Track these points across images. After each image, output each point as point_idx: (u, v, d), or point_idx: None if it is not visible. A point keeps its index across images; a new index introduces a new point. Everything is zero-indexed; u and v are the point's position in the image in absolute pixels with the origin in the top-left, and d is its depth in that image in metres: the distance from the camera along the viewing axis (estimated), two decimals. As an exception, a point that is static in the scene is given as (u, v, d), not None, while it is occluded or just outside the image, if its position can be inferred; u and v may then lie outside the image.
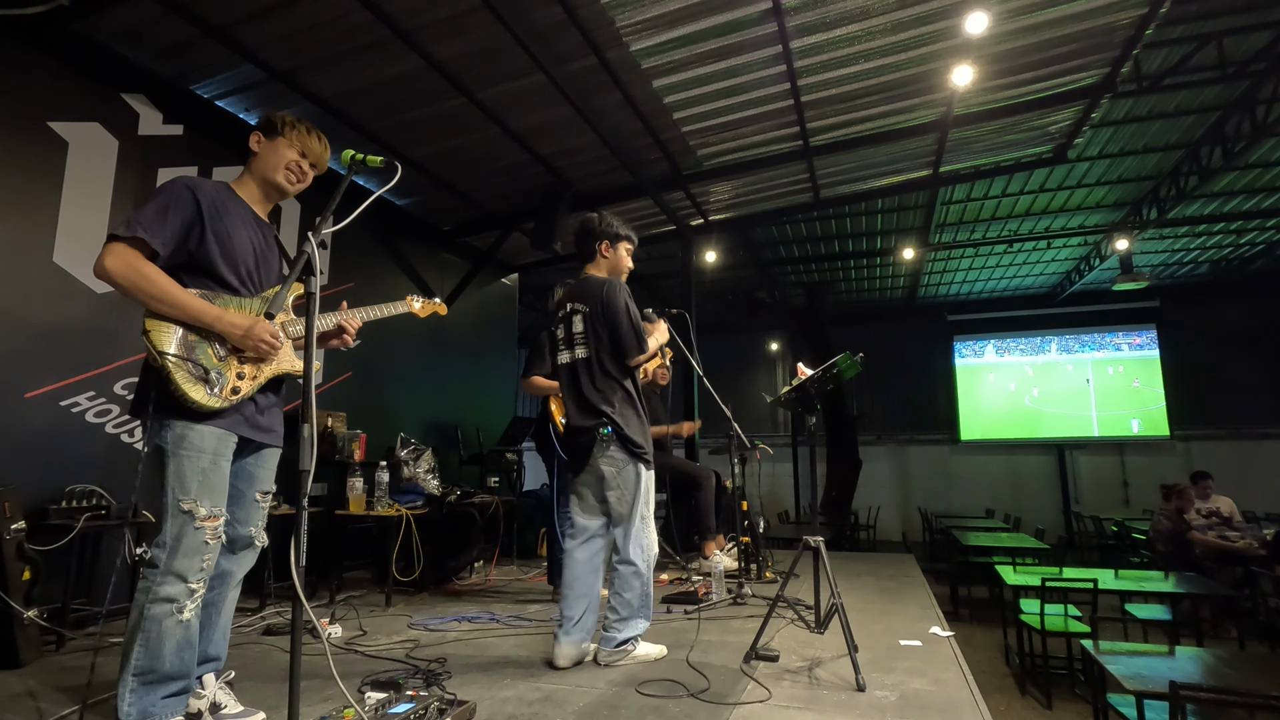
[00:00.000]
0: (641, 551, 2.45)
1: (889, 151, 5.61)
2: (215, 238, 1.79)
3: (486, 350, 6.95)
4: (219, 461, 1.75)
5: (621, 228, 2.73)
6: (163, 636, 1.64)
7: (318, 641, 2.51)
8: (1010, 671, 4.81)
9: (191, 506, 1.68)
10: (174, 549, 1.66)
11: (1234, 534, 5.82)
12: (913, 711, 1.94)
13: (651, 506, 2.54)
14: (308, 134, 1.96)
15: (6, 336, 3.12)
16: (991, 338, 12.36)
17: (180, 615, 1.67)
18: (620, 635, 2.43)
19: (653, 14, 3.73)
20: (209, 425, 1.73)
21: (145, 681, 1.64)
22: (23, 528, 2.68)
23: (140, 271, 1.67)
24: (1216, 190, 7.68)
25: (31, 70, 3.34)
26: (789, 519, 11.14)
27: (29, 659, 2.53)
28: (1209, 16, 5.18)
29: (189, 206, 1.77)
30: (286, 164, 1.94)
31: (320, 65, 3.91)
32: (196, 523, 1.68)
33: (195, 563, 1.69)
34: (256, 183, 1.96)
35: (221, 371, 1.75)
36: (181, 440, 1.70)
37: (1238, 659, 3.19)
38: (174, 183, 1.80)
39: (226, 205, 1.85)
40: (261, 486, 1.92)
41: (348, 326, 2.01)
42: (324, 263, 4.94)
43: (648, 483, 2.50)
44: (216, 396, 1.73)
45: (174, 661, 1.66)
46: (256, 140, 1.94)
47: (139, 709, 1.63)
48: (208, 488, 1.71)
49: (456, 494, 4.30)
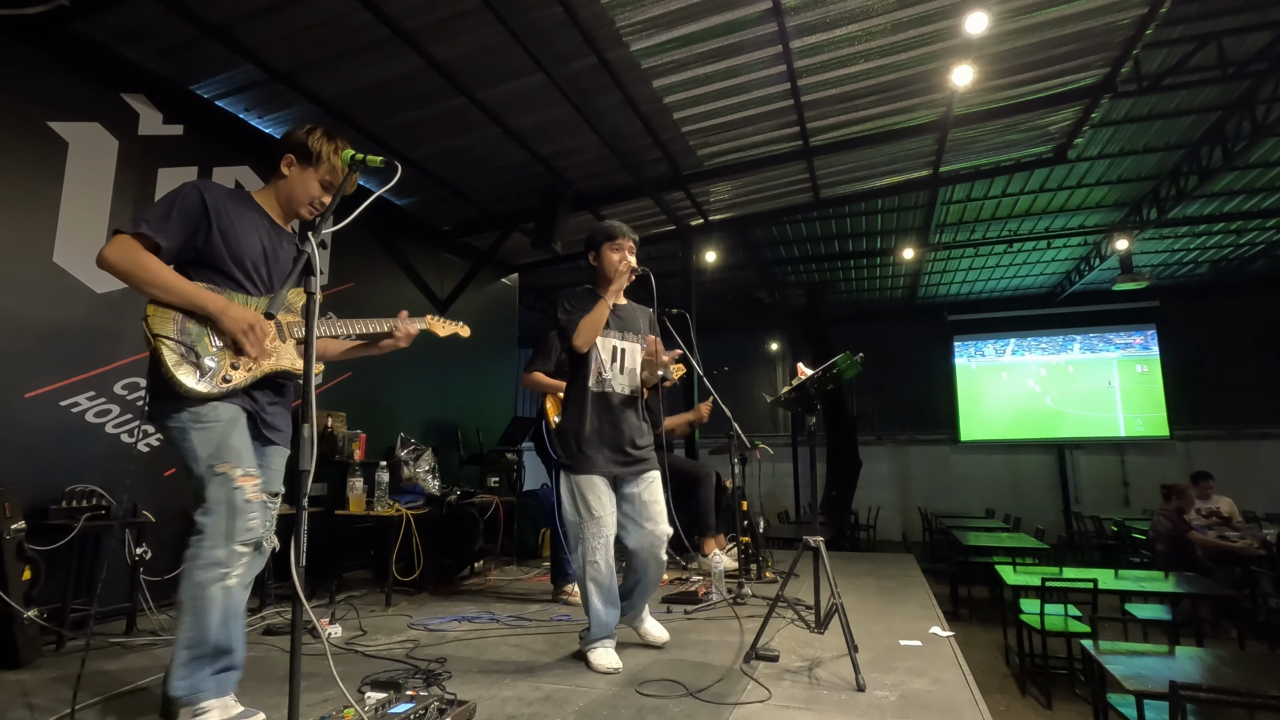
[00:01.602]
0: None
1: (889, 151, 5.61)
2: (222, 236, 1.82)
3: (486, 350, 6.94)
4: (237, 427, 1.77)
5: (600, 229, 2.69)
6: (209, 604, 1.67)
7: (318, 641, 2.51)
8: (1010, 671, 4.81)
9: (226, 469, 1.71)
10: (217, 512, 1.69)
11: (1234, 534, 5.83)
12: (913, 711, 1.94)
13: (587, 512, 2.51)
14: (343, 172, 1.92)
15: (6, 336, 3.12)
16: (991, 338, 12.36)
17: (225, 582, 1.68)
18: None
19: (653, 14, 3.73)
20: (221, 402, 1.76)
21: (195, 655, 1.66)
22: (23, 528, 2.68)
23: (139, 260, 1.70)
24: (1216, 190, 7.68)
25: (31, 70, 3.34)
26: (789, 519, 11.14)
27: (29, 659, 2.53)
28: (1209, 16, 5.18)
29: (196, 206, 1.80)
30: (312, 200, 1.97)
31: (320, 65, 3.91)
32: (235, 482, 1.71)
33: (241, 523, 1.70)
34: (279, 201, 2.00)
35: (216, 359, 1.76)
36: (195, 417, 1.73)
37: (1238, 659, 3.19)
38: (185, 186, 1.84)
39: (238, 208, 1.89)
40: (270, 488, 1.92)
41: (399, 331, 2.09)
42: (324, 263, 4.93)
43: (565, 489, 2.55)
44: (206, 382, 1.73)
45: (220, 633, 1.68)
46: (288, 164, 1.95)
47: (189, 684, 1.65)
48: (233, 450, 1.74)
49: (456, 494, 4.30)
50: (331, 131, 1.99)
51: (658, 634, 2.68)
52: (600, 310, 2.52)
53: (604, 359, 2.59)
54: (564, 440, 2.57)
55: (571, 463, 2.51)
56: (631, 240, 2.70)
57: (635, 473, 2.55)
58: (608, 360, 2.60)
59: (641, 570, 2.59)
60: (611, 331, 2.63)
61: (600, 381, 2.58)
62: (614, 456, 2.54)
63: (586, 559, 2.46)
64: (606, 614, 2.46)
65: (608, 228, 2.67)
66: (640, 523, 2.52)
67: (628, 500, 2.55)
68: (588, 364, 2.58)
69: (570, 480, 2.51)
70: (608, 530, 2.48)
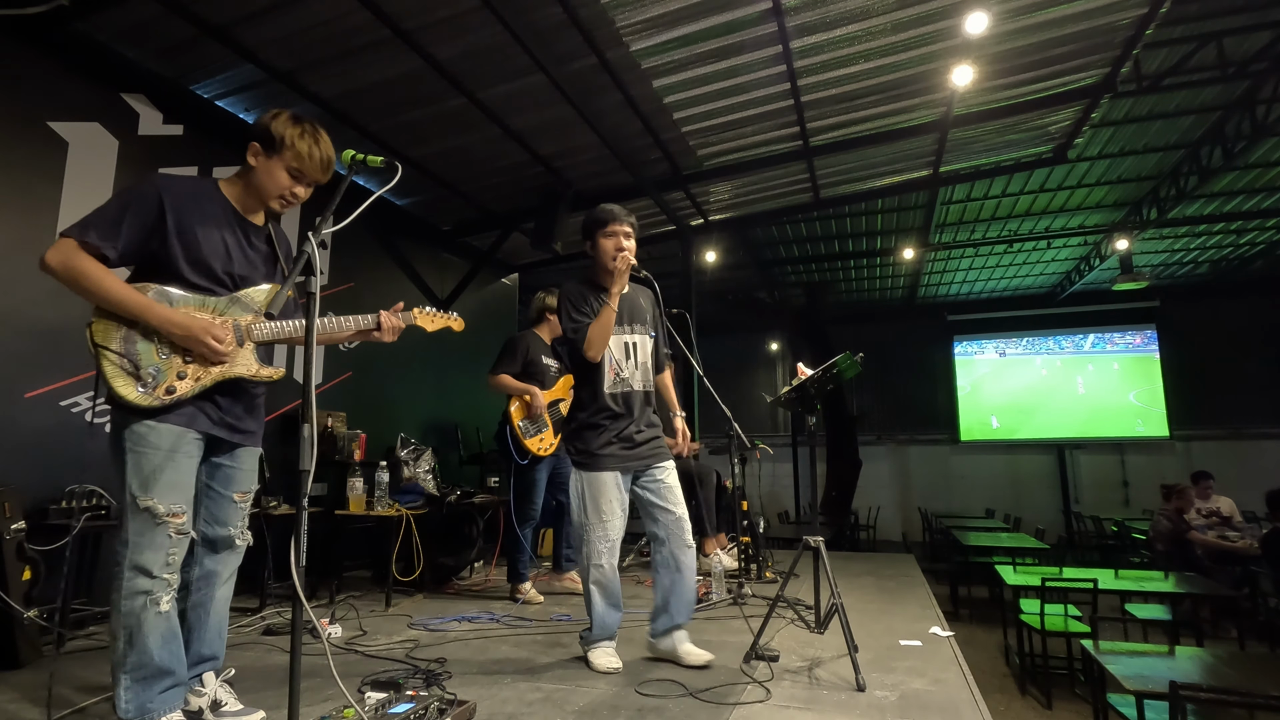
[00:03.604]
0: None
1: (889, 151, 5.61)
2: (180, 239, 1.72)
3: (487, 350, 6.85)
4: (176, 458, 1.69)
5: (592, 215, 2.57)
6: (145, 631, 1.63)
7: (318, 641, 2.50)
8: (1010, 671, 4.81)
9: (150, 504, 1.64)
10: (136, 545, 1.64)
11: (1234, 534, 5.83)
12: (913, 711, 1.94)
13: (595, 515, 2.46)
14: (309, 158, 1.83)
15: (6, 336, 3.12)
16: (991, 338, 12.36)
17: (158, 607, 1.65)
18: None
19: (653, 14, 3.73)
20: (165, 423, 1.69)
21: (139, 678, 1.64)
22: (23, 528, 2.68)
23: (79, 268, 1.62)
24: (1216, 190, 7.67)
25: (31, 70, 3.33)
26: (789, 519, 11.14)
27: (29, 659, 2.53)
28: (1209, 16, 5.18)
29: (151, 209, 1.70)
30: (281, 193, 1.85)
31: (320, 65, 3.91)
32: (157, 520, 1.65)
33: (160, 557, 1.66)
34: (248, 194, 1.87)
35: (160, 369, 1.69)
36: (136, 437, 1.67)
37: (1238, 659, 3.19)
38: (143, 184, 1.74)
39: (201, 205, 1.78)
40: (240, 487, 1.89)
41: (384, 322, 1.99)
42: (324, 263, 4.93)
43: (575, 488, 2.50)
44: (148, 394, 1.67)
45: (162, 655, 1.66)
46: (254, 153, 1.83)
47: (136, 705, 1.63)
48: (165, 485, 1.67)
49: (456, 494, 4.30)
50: (300, 115, 1.86)
51: (699, 655, 2.45)
52: (606, 316, 2.44)
53: (619, 359, 2.53)
54: (579, 437, 2.51)
55: (585, 460, 2.47)
56: (628, 225, 2.53)
57: (648, 464, 2.50)
58: (622, 359, 2.53)
59: (674, 564, 2.45)
60: (621, 327, 2.54)
61: (618, 381, 2.52)
62: (627, 450, 2.48)
63: (591, 561, 2.43)
64: (609, 615, 2.46)
65: (600, 213, 2.54)
66: (665, 507, 2.48)
67: (645, 489, 2.51)
68: (601, 367, 2.50)
69: (581, 479, 2.47)
70: (614, 534, 2.44)
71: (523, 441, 3.67)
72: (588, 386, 2.54)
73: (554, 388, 3.85)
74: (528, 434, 3.69)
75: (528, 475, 3.79)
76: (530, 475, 3.79)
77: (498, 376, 3.76)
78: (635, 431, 2.50)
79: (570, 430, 2.56)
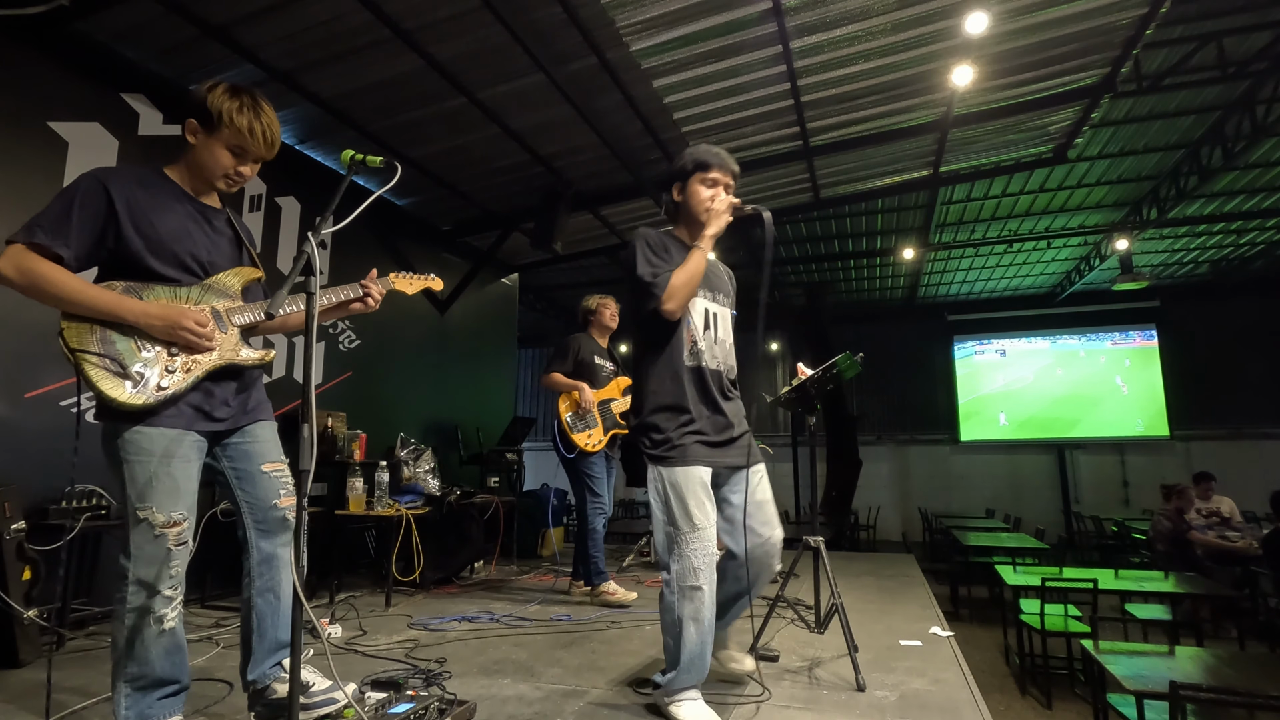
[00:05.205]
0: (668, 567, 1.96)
1: (889, 151, 5.61)
2: (136, 230, 1.64)
3: (486, 350, 6.95)
4: (171, 463, 1.63)
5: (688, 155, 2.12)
6: (147, 644, 1.60)
7: (318, 641, 2.51)
8: (1010, 671, 4.81)
9: (147, 514, 1.59)
10: (137, 559, 1.59)
11: (1234, 534, 5.82)
12: (913, 711, 1.94)
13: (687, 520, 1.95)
14: (250, 134, 1.71)
15: (6, 336, 3.12)
16: (992, 338, 12.36)
17: (162, 625, 1.61)
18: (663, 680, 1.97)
19: (653, 14, 3.73)
20: (156, 427, 1.62)
21: (138, 687, 1.61)
22: (23, 528, 2.68)
23: (37, 272, 1.54)
24: (1216, 190, 7.67)
25: (31, 70, 3.33)
26: (789, 519, 11.13)
27: (29, 659, 2.53)
28: (1209, 16, 5.18)
29: (99, 203, 1.62)
30: (224, 173, 1.75)
31: (320, 65, 3.91)
32: (156, 530, 1.59)
33: (162, 571, 1.60)
34: (194, 174, 1.78)
35: (147, 366, 1.62)
36: (128, 445, 1.61)
37: (1238, 659, 3.19)
38: (83, 178, 1.65)
39: (151, 193, 1.70)
40: (264, 458, 1.81)
41: (372, 290, 1.97)
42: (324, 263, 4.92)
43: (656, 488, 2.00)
44: (141, 393, 1.59)
45: (164, 666, 1.63)
46: (192, 131, 1.72)
47: (136, 712, 1.61)
48: (161, 492, 1.61)
49: (456, 494, 4.30)
50: (238, 86, 1.73)
51: (744, 659, 2.23)
52: (696, 261, 2.01)
53: (697, 325, 2.09)
54: (653, 426, 2.02)
55: (664, 453, 1.97)
56: (732, 172, 2.13)
57: (739, 466, 2.07)
58: (700, 327, 2.09)
59: (751, 579, 2.07)
60: (703, 290, 2.12)
61: (695, 354, 2.06)
62: (715, 445, 2.02)
63: (683, 583, 1.89)
64: (704, 656, 1.91)
65: (698, 154, 2.10)
66: (754, 527, 2.04)
67: (729, 502, 2.07)
68: (678, 332, 2.06)
69: (663, 476, 1.97)
70: (712, 544, 1.94)
71: (570, 435, 3.67)
72: (658, 361, 2.07)
73: (606, 387, 3.85)
74: (575, 428, 3.69)
75: (580, 466, 3.69)
76: (584, 464, 3.68)
77: (551, 375, 3.77)
78: (723, 426, 2.06)
79: (641, 421, 2.06)
